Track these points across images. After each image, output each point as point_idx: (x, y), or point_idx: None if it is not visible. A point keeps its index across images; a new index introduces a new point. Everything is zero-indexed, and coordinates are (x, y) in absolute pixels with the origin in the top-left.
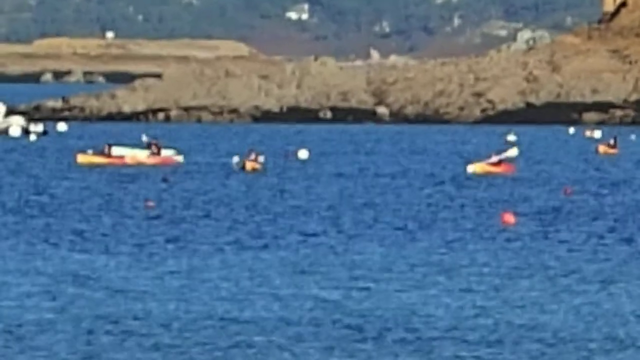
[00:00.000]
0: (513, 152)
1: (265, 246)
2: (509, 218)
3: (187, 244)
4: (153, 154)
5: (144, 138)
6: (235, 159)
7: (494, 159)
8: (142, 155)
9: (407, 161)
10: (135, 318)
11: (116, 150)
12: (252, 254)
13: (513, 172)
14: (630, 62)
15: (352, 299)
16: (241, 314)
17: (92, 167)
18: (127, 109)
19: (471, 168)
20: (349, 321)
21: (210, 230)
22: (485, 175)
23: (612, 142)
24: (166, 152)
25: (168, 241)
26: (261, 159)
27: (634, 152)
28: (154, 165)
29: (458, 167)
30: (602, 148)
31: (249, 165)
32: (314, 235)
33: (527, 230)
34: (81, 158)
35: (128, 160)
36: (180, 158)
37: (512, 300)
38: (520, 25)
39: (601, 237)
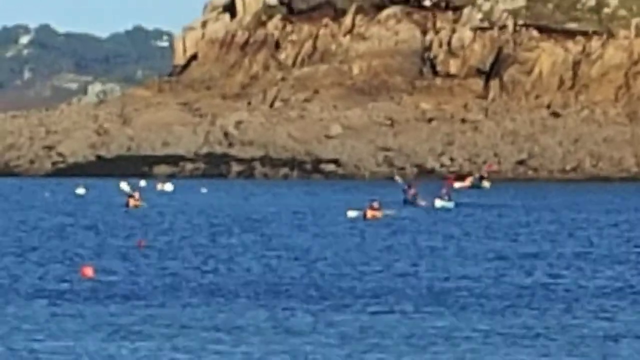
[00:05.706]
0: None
1: None
2: (88, 271)
3: None
4: None
5: None
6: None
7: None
8: None
9: None
10: None
11: None
12: None
13: None
14: (201, 115)
15: None
16: None
17: None
18: None
19: None
20: None
21: None
22: None
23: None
24: None
25: None
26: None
27: (189, 203)
28: None
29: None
30: (132, 202)
31: None
32: None
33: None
34: None
35: None
36: None
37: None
38: (91, 78)
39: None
